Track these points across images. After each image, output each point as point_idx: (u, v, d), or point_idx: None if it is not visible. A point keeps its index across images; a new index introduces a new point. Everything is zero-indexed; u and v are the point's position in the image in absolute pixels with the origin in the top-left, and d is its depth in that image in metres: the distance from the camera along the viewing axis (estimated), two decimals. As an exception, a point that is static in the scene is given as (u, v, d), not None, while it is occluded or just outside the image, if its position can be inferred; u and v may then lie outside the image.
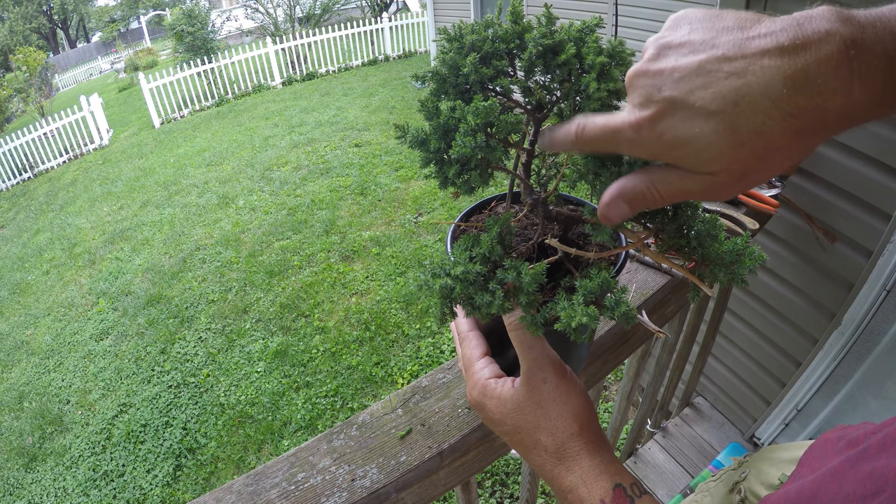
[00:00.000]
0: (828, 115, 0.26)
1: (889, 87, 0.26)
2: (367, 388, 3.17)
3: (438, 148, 0.42)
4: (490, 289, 0.38)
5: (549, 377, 0.44)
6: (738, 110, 0.27)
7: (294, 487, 0.57)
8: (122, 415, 3.38)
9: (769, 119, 0.26)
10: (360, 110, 7.88)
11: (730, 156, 0.28)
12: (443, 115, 0.41)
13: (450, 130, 0.41)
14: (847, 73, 0.25)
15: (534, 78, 0.42)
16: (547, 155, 0.50)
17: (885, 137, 1.18)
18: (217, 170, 6.74)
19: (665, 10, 4.39)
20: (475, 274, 0.38)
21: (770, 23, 0.28)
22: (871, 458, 0.37)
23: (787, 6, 1.27)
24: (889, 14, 0.27)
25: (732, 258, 0.37)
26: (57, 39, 29.16)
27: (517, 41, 0.42)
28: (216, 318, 4.01)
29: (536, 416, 0.43)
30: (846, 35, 0.25)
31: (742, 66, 0.27)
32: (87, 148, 9.10)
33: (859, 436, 0.45)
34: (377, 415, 0.64)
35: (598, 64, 0.38)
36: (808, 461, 0.51)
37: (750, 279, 1.44)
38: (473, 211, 0.56)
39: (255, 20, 12.27)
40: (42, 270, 5.47)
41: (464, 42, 0.42)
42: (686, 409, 2.02)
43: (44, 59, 12.27)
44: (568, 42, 0.39)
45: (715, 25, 0.29)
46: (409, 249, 4.35)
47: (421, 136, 0.42)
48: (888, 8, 0.27)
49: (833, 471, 0.41)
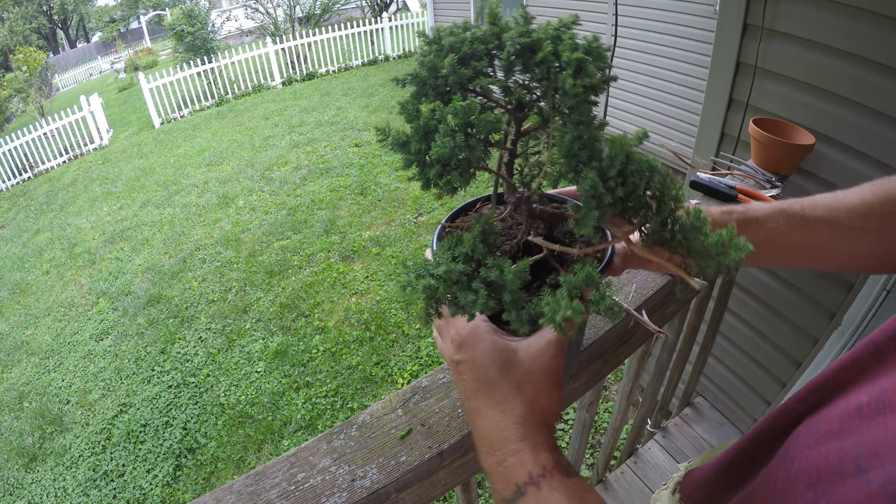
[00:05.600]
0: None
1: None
2: (367, 388, 3.17)
3: (419, 149, 0.42)
4: (473, 287, 0.38)
5: (555, 355, 0.45)
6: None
7: (294, 487, 0.57)
8: (122, 415, 3.38)
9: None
10: (360, 110, 7.88)
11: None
12: (423, 116, 0.41)
13: (430, 132, 0.41)
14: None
15: (513, 77, 0.42)
16: (529, 154, 0.50)
17: (886, 137, 1.18)
18: (217, 170, 6.74)
19: (665, 10, 4.39)
20: (458, 273, 0.38)
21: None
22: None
23: (788, 6, 1.27)
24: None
25: (718, 250, 0.36)
26: (57, 39, 29.15)
27: (496, 41, 0.42)
28: (216, 318, 4.01)
29: (526, 379, 0.44)
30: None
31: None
32: (87, 148, 9.10)
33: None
34: (377, 415, 0.64)
35: (575, 60, 0.38)
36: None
37: (750, 279, 1.44)
38: (460, 212, 0.56)
39: (255, 20, 12.26)
40: (42, 270, 5.47)
41: (442, 44, 0.42)
42: (686, 409, 2.02)
43: (44, 59, 12.25)
44: (545, 40, 0.40)
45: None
46: (409, 249, 4.35)
47: (402, 138, 0.42)
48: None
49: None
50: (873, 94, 1.17)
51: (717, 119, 1.56)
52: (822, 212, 0.56)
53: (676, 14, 4.32)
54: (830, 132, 1.30)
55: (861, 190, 0.57)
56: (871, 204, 0.55)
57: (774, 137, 1.25)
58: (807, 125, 1.30)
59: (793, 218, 0.56)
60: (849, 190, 0.58)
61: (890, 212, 0.55)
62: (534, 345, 0.46)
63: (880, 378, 0.37)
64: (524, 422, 0.43)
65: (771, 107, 1.41)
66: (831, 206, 0.57)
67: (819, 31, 1.23)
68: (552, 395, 0.45)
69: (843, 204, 0.56)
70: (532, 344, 0.46)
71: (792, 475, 0.38)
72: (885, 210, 0.55)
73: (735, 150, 1.55)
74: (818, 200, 0.57)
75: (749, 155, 1.37)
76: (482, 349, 0.46)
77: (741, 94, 1.47)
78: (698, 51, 4.22)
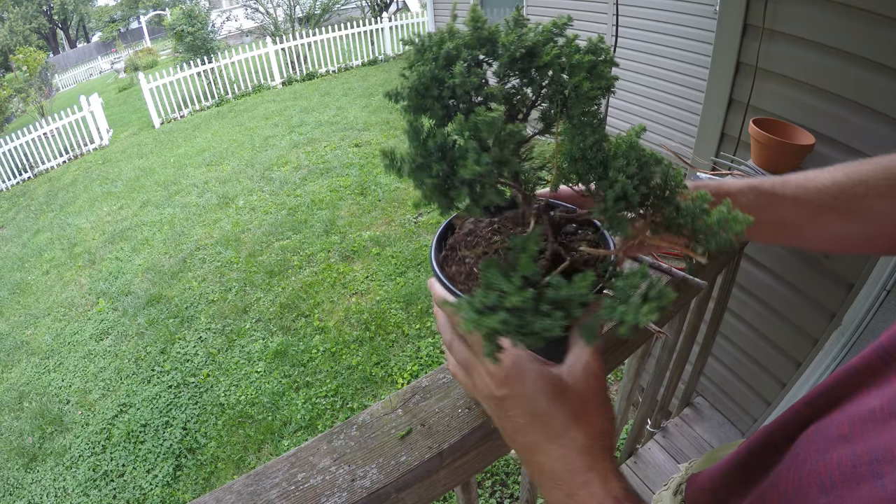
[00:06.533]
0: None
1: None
2: (367, 388, 3.17)
3: (439, 172, 0.38)
4: (544, 311, 0.35)
5: (598, 374, 0.44)
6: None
7: (294, 487, 0.57)
8: (122, 415, 3.38)
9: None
10: (360, 110, 7.88)
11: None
12: (438, 134, 0.38)
13: (447, 149, 0.38)
14: None
15: (509, 83, 0.41)
16: (526, 159, 0.49)
17: (886, 137, 1.18)
18: (217, 170, 6.74)
19: (665, 10, 4.39)
20: (530, 300, 0.35)
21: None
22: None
23: (788, 7, 1.27)
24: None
25: (721, 226, 0.38)
26: (57, 39, 29.15)
27: (488, 46, 0.40)
28: (216, 318, 4.01)
29: (580, 405, 0.42)
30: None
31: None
32: (87, 148, 9.10)
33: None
34: (377, 415, 0.64)
35: (587, 62, 0.38)
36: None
37: (750, 279, 1.44)
38: (445, 232, 0.52)
39: (255, 20, 12.26)
40: (42, 270, 5.47)
41: (439, 52, 0.39)
42: (686, 409, 2.02)
43: (44, 59, 12.25)
44: (548, 44, 0.39)
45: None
46: (409, 249, 4.35)
47: (417, 160, 0.38)
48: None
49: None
50: (873, 94, 1.17)
51: (717, 119, 1.56)
52: (792, 190, 0.57)
53: (676, 14, 4.33)
54: (830, 132, 1.30)
55: (834, 170, 0.58)
56: (841, 184, 0.56)
57: (775, 138, 1.25)
58: (807, 125, 1.30)
59: (763, 195, 0.57)
60: (822, 170, 0.58)
61: (861, 193, 0.55)
62: (575, 366, 0.43)
63: (892, 382, 0.37)
64: (588, 451, 0.41)
65: (771, 107, 1.41)
66: (802, 184, 0.57)
67: (819, 31, 1.23)
68: (606, 415, 0.43)
69: (814, 183, 0.57)
70: (573, 366, 0.44)
71: (803, 479, 0.38)
72: (856, 192, 0.56)
73: (735, 151, 1.55)
74: (790, 179, 0.58)
75: (749, 155, 1.37)
76: (530, 380, 0.42)
77: (741, 95, 1.47)
78: (698, 51, 4.22)
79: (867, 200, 0.56)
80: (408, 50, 0.41)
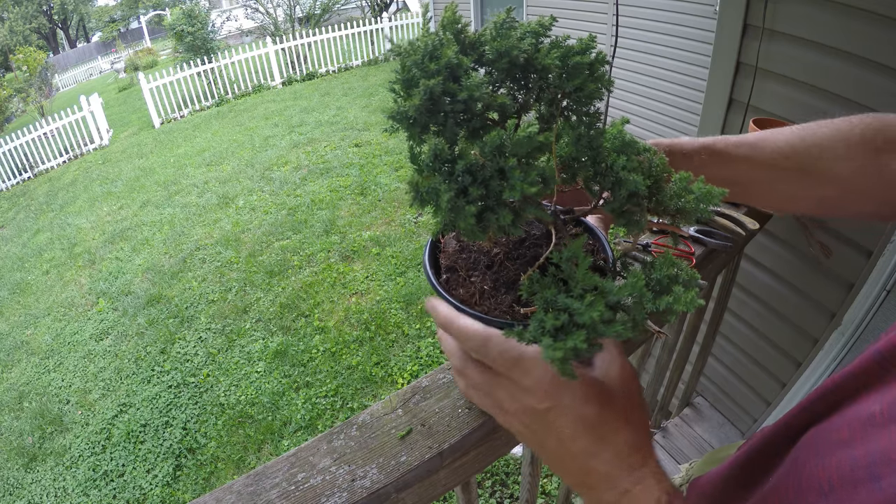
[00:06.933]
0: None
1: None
2: (367, 388, 3.17)
3: (478, 198, 0.36)
4: (608, 318, 0.35)
5: (633, 374, 0.44)
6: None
7: (294, 488, 0.57)
8: (122, 415, 3.38)
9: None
10: (360, 110, 7.88)
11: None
12: (468, 156, 0.36)
13: (476, 171, 0.36)
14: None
15: (501, 88, 0.41)
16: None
17: (886, 137, 1.18)
18: (217, 170, 6.74)
19: (665, 10, 4.38)
20: (609, 311, 0.35)
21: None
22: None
23: (788, 7, 1.27)
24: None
25: (703, 200, 0.41)
26: (57, 39, 29.15)
27: (475, 52, 0.39)
28: (216, 318, 4.01)
29: (626, 406, 0.42)
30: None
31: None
32: (87, 148, 9.10)
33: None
34: (377, 415, 0.64)
35: (587, 63, 0.38)
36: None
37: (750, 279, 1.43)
38: (433, 250, 0.51)
39: (255, 20, 12.26)
40: (42, 270, 5.47)
41: (440, 63, 0.36)
42: (686, 409, 2.02)
43: (44, 59, 12.26)
44: (549, 47, 0.39)
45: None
46: (409, 249, 4.35)
47: (451, 187, 0.36)
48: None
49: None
50: (873, 94, 1.17)
51: (717, 119, 1.56)
52: (745, 150, 0.58)
53: (676, 14, 4.32)
54: (830, 132, 1.29)
55: (790, 132, 0.58)
56: (794, 146, 0.56)
57: (774, 137, 1.25)
58: (807, 125, 1.30)
59: (715, 154, 0.58)
60: (778, 130, 0.59)
61: (815, 155, 0.56)
62: (611, 366, 0.43)
63: (892, 387, 0.37)
64: (638, 448, 0.41)
65: (771, 107, 1.41)
66: (756, 145, 0.58)
67: (819, 31, 1.23)
68: (644, 410, 0.44)
69: (769, 144, 0.57)
70: (608, 366, 0.44)
71: (803, 483, 0.38)
72: (810, 153, 0.56)
73: (735, 151, 1.55)
74: (745, 139, 0.59)
75: (749, 155, 1.37)
76: (574, 388, 0.41)
77: (741, 95, 1.47)
78: (698, 51, 4.22)
79: (822, 162, 0.56)
80: (403, 61, 0.37)
